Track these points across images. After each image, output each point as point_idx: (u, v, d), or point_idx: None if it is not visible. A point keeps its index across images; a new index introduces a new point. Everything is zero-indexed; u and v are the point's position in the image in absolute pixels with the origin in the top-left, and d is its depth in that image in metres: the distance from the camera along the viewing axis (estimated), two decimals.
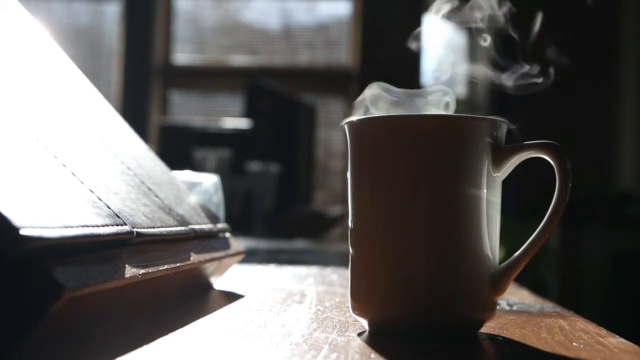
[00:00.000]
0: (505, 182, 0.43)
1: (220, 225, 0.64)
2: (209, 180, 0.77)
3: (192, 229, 0.54)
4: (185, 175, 0.74)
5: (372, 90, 0.45)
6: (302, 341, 0.37)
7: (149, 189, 0.53)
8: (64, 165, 0.41)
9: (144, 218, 0.45)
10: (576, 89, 3.29)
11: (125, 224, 0.41)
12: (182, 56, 3.69)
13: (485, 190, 0.40)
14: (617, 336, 0.41)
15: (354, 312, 0.42)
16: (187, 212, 0.56)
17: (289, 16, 3.68)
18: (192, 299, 0.54)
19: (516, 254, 0.41)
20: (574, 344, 0.39)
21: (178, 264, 0.46)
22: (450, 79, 0.45)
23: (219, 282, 0.64)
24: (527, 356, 0.37)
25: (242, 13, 3.74)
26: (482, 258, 0.40)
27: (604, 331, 0.43)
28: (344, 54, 3.63)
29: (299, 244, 1.60)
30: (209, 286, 0.61)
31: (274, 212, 2.25)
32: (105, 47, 3.69)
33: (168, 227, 0.48)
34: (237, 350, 0.35)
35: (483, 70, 0.47)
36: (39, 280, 0.30)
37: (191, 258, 0.50)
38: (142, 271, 0.39)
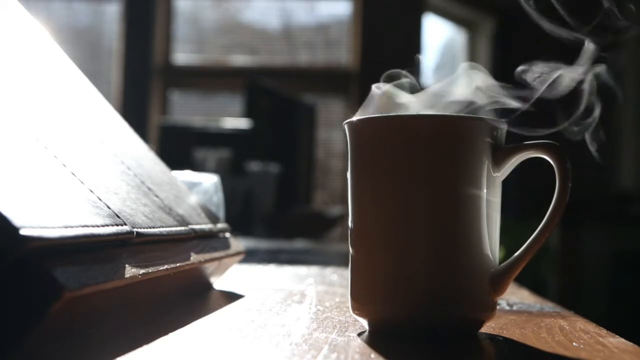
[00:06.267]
0: (505, 182, 0.43)
1: (220, 225, 0.64)
2: (209, 180, 0.77)
3: (192, 229, 0.54)
4: (185, 175, 0.74)
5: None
6: (302, 341, 0.37)
7: (149, 189, 0.53)
8: (64, 165, 0.41)
9: (144, 218, 0.45)
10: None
11: (125, 224, 0.41)
12: (182, 56, 3.69)
13: (485, 190, 0.40)
14: (617, 336, 0.41)
15: (354, 312, 0.42)
16: (187, 212, 0.56)
17: (289, 16, 3.68)
18: (192, 299, 0.54)
19: (516, 254, 0.41)
20: (574, 344, 0.39)
21: (178, 264, 0.46)
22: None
23: (219, 282, 0.64)
24: (527, 356, 0.37)
25: (242, 13, 3.74)
26: (482, 258, 0.40)
27: (604, 331, 0.43)
28: (344, 54, 3.62)
29: (299, 244, 1.60)
30: (209, 286, 0.61)
31: (274, 212, 2.25)
32: (105, 47, 3.69)
33: (168, 227, 0.48)
34: (237, 350, 0.35)
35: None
36: (39, 280, 0.30)
37: (191, 258, 0.50)
38: (142, 271, 0.39)
